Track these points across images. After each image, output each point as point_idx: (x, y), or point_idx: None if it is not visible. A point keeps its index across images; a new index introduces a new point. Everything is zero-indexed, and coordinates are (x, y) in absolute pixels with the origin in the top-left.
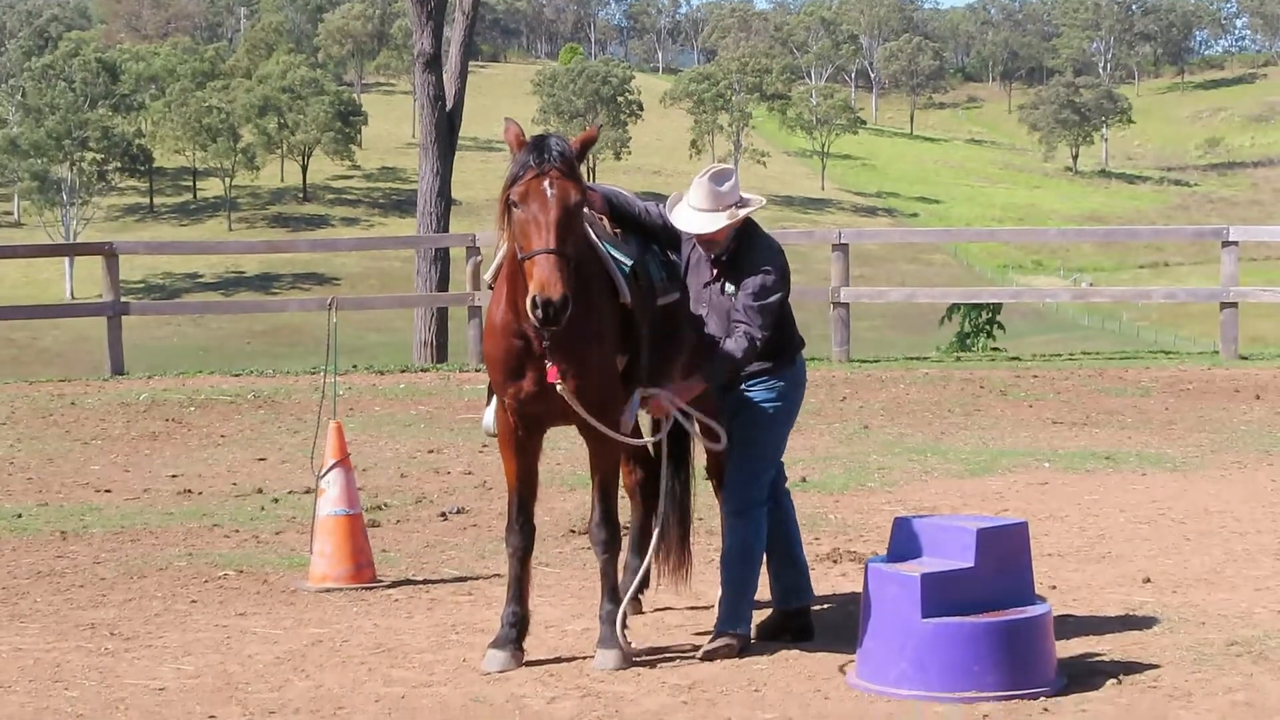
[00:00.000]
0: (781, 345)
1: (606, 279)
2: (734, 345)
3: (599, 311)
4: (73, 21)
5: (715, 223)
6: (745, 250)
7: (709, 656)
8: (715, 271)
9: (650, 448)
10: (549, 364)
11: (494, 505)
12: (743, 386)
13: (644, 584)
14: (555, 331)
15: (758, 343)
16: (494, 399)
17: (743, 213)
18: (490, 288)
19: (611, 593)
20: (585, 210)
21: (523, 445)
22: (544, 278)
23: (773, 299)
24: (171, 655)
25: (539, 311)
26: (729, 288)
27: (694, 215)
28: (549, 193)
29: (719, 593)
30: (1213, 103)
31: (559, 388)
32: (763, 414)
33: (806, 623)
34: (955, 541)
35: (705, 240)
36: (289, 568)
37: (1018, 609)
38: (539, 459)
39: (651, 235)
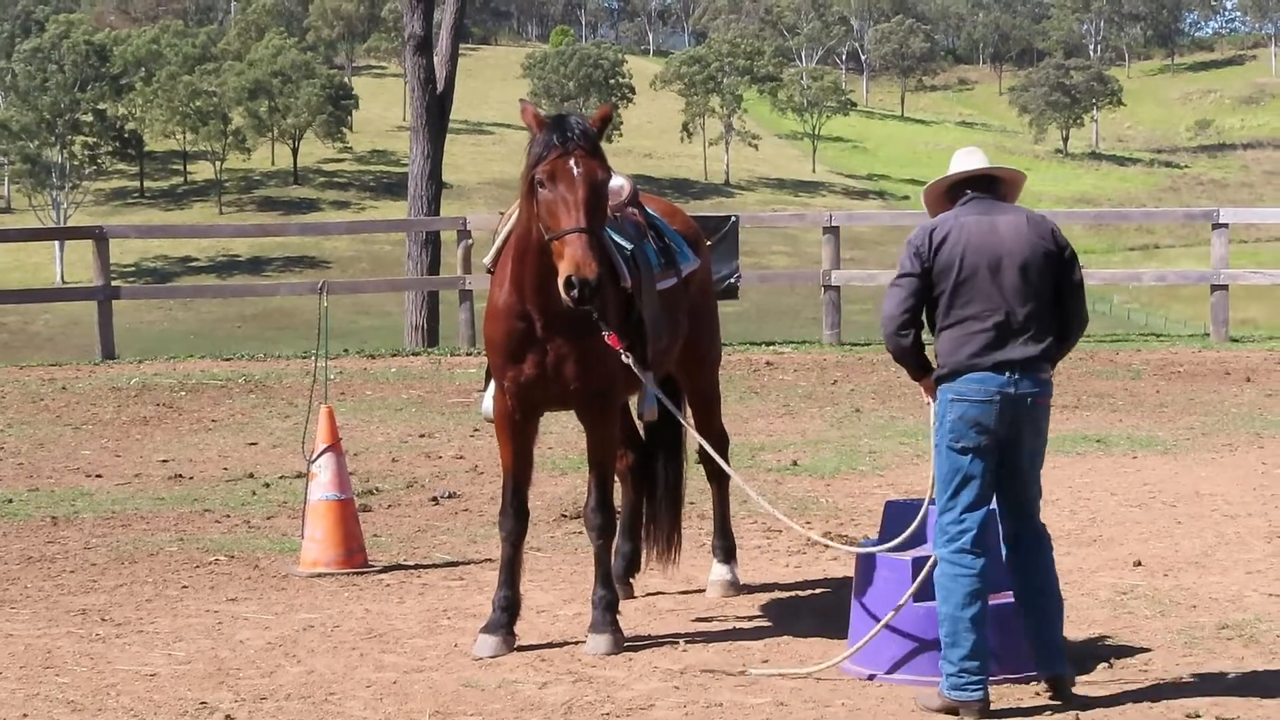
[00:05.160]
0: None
1: (607, 263)
2: None
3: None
4: (61, 4)
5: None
6: None
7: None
8: None
9: (641, 432)
10: (607, 334)
11: (485, 490)
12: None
13: (635, 568)
14: (585, 310)
15: (882, 323)
16: (492, 383)
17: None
18: (489, 272)
19: (605, 578)
20: None
21: (519, 429)
22: (578, 257)
23: (895, 277)
24: (163, 641)
25: (574, 291)
26: None
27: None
28: (576, 172)
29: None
30: (1203, 84)
31: (624, 358)
32: (936, 440)
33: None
34: None
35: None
36: (280, 553)
37: (1009, 593)
38: (534, 443)
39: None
